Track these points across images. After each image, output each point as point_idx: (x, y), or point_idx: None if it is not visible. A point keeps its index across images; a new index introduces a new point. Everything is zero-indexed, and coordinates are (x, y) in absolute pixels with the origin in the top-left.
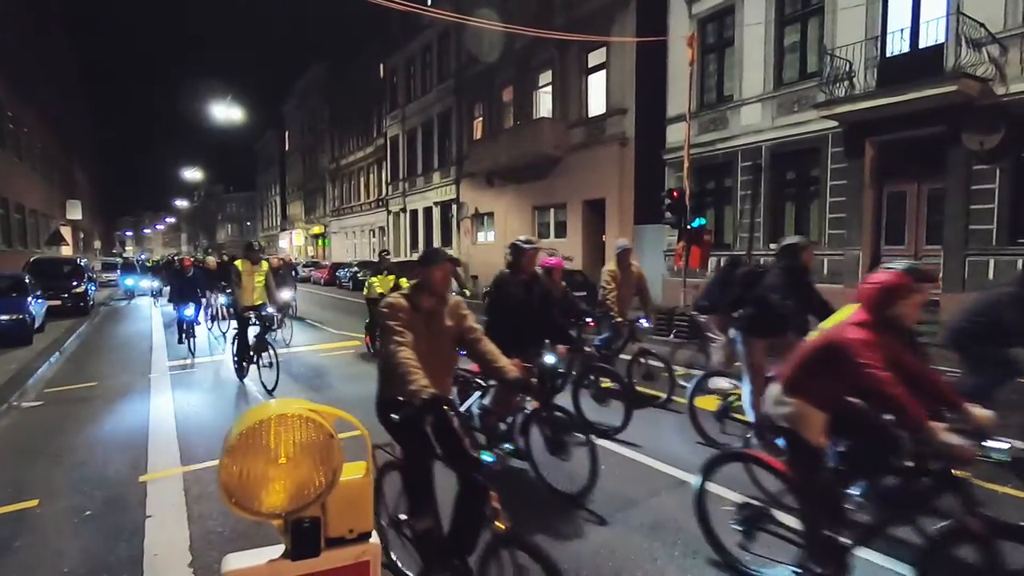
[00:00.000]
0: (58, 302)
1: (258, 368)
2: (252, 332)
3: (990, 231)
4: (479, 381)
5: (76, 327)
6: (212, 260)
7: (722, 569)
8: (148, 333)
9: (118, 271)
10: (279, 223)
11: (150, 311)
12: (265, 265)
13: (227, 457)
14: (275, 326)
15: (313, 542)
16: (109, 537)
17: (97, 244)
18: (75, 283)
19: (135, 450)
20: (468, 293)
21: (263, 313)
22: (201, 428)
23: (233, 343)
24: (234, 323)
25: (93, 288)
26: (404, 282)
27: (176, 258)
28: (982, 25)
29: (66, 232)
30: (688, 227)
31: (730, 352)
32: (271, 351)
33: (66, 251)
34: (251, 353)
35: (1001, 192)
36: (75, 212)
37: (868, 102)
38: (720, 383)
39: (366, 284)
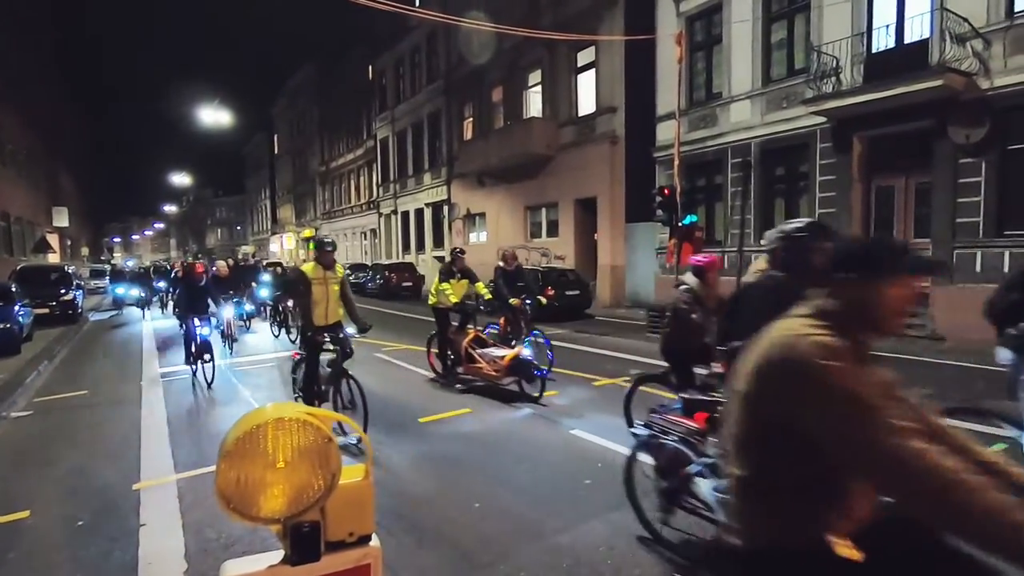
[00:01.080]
0: (46, 310)
1: (335, 408)
2: (325, 359)
3: (977, 223)
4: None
5: (65, 335)
6: (223, 264)
7: None
8: (139, 339)
9: (107, 279)
10: (269, 227)
11: (140, 326)
12: (341, 271)
13: (224, 462)
14: (351, 351)
15: (313, 547)
16: (102, 547)
17: (85, 251)
18: (63, 291)
19: (127, 458)
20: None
21: (341, 336)
22: (194, 434)
23: (295, 374)
24: (289, 346)
25: (81, 296)
26: (481, 287)
27: (183, 262)
28: (965, 20)
29: (53, 239)
30: (679, 224)
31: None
32: (352, 385)
33: (53, 258)
34: (323, 388)
35: (987, 185)
36: (62, 219)
37: (855, 98)
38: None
39: (433, 290)
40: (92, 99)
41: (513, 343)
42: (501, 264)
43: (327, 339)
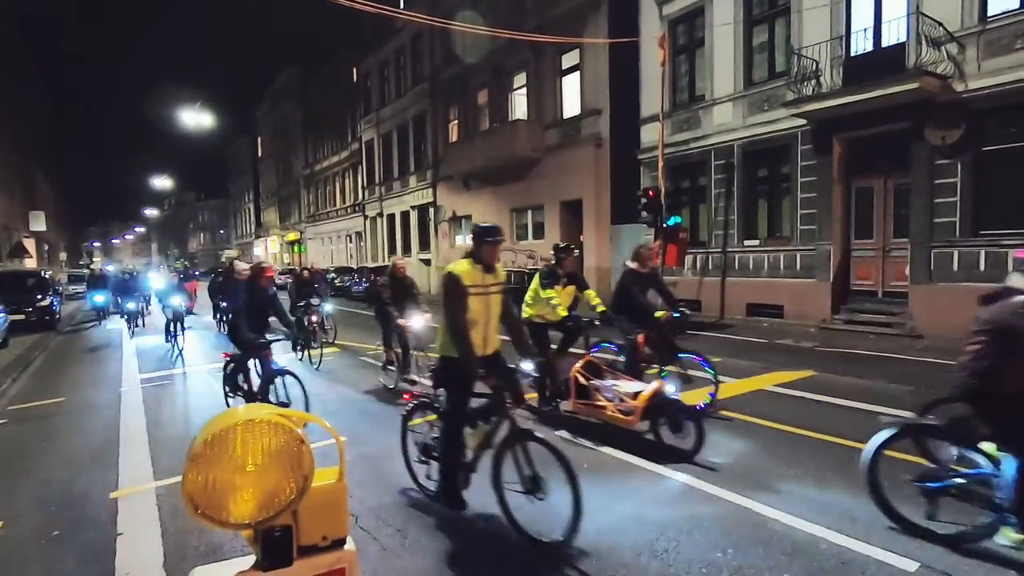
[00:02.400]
0: (21, 316)
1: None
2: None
3: (953, 223)
4: None
5: (42, 342)
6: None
7: None
8: (119, 344)
9: (84, 285)
10: (253, 230)
11: (121, 339)
12: (503, 274)
13: (192, 465)
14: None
15: (284, 551)
16: (78, 557)
17: (63, 256)
18: (39, 296)
19: (105, 466)
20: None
21: (514, 376)
22: (174, 441)
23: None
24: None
25: (58, 302)
26: (593, 295)
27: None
28: (940, 24)
29: (29, 244)
30: (664, 226)
31: None
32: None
33: (29, 264)
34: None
35: (963, 185)
36: (38, 223)
37: (834, 100)
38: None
39: (529, 299)
40: (71, 101)
41: (647, 370)
42: (634, 265)
43: (488, 381)
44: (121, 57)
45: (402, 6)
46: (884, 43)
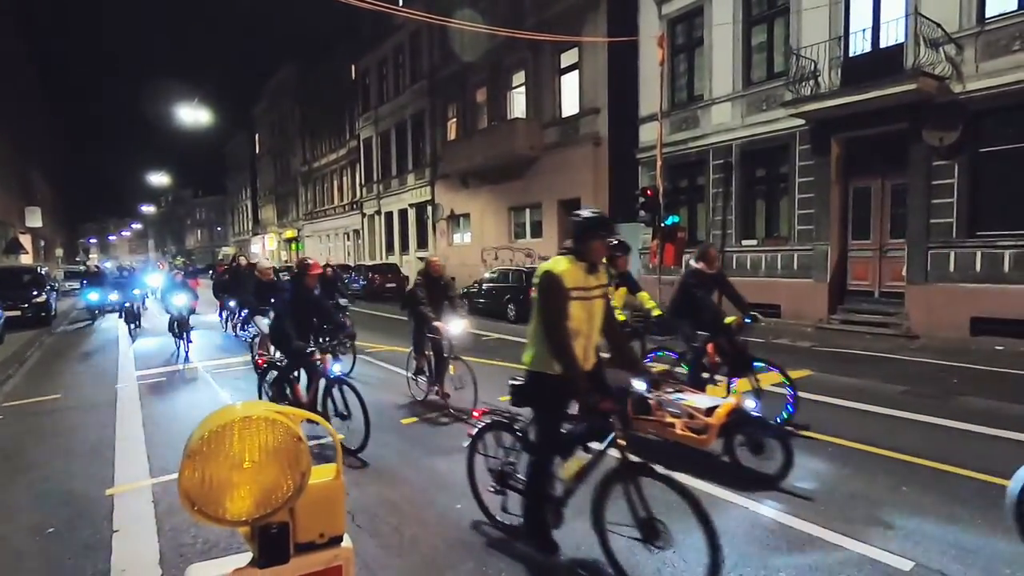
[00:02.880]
0: (17, 312)
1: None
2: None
3: (950, 224)
4: None
5: (37, 339)
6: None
7: None
8: (115, 341)
9: (82, 283)
10: (251, 227)
11: (117, 337)
12: (604, 274)
13: (188, 462)
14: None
15: (281, 548)
16: (74, 554)
17: (59, 252)
18: (35, 293)
19: (101, 463)
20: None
21: (627, 395)
22: (171, 438)
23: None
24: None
25: (55, 298)
26: (647, 298)
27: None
28: (939, 25)
29: (25, 240)
30: (662, 225)
31: None
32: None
33: (25, 260)
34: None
35: (960, 187)
36: (34, 219)
37: (833, 100)
38: None
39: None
40: (68, 98)
41: (718, 381)
42: (699, 265)
43: (604, 405)
44: (118, 53)
45: (401, 3)
46: (882, 44)
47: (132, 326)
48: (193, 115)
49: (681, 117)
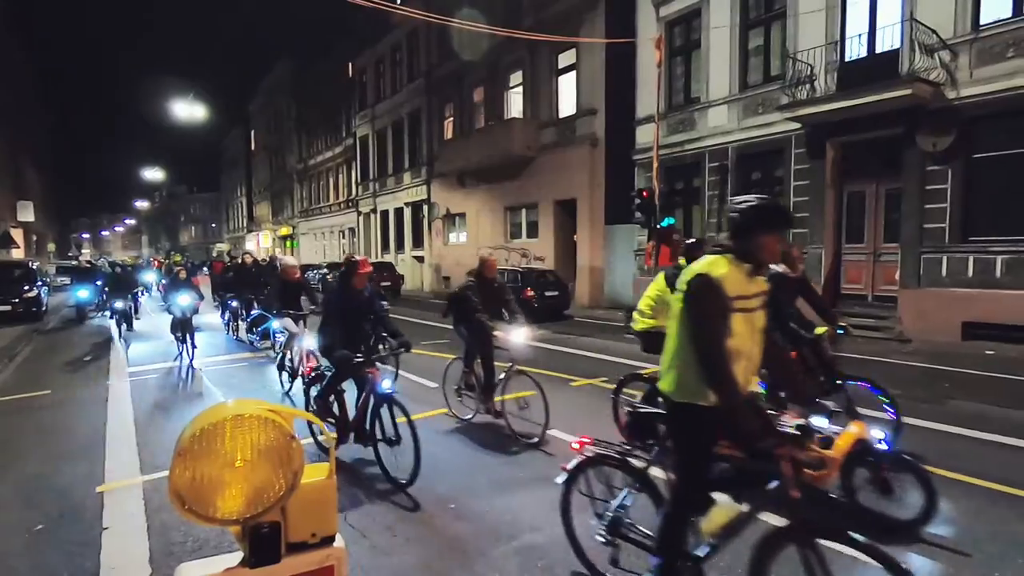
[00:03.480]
0: (7, 307)
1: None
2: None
3: (943, 229)
4: None
5: (28, 333)
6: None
7: None
8: (108, 336)
9: (71, 280)
10: (245, 224)
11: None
12: (763, 281)
13: (179, 460)
14: None
15: (272, 548)
16: (63, 552)
17: (51, 247)
18: (26, 288)
19: (91, 460)
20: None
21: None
22: (163, 436)
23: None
24: None
25: (46, 293)
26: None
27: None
28: (934, 31)
29: (17, 235)
30: (658, 227)
31: None
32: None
33: (17, 254)
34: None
35: (953, 192)
36: (26, 214)
37: (828, 105)
38: None
39: (645, 306)
40: (62, 92)
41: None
42: (781, 268)
43: (783, 449)
44: (113, 47)
45: (399, 2)
46: (878, 49)
47: (123, 328)
48: (188, 110)
49: (678, 119)
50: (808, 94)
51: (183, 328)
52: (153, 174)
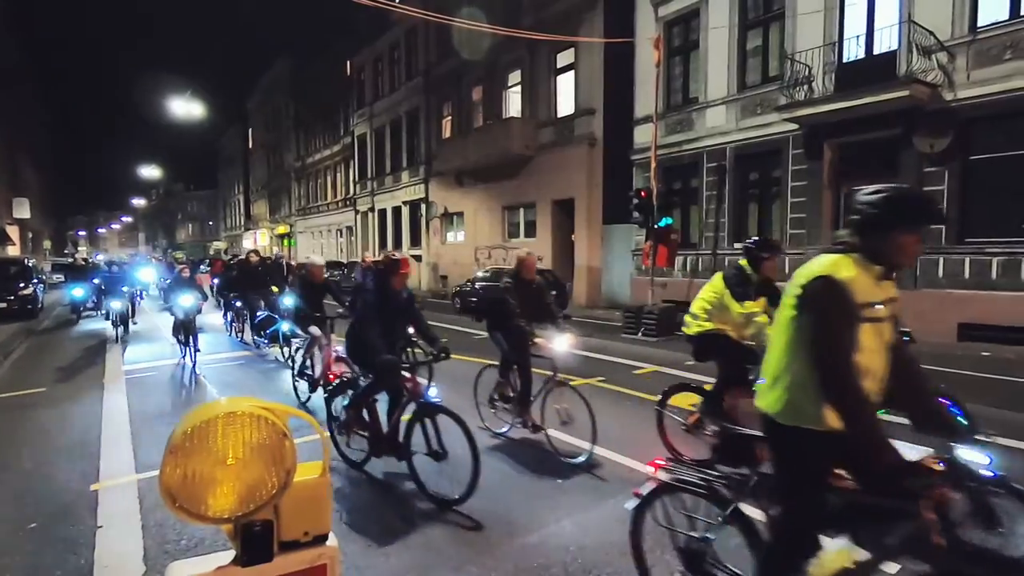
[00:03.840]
0: (3, 305)
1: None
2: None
3: (940, 231)
4: None
5: (23, 331)
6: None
7: None
8: (104, 334)
9: (65, 277)
10: (243, 223)
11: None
12: (893, 288)
13: (170, 457)
14: None
15: (265, 546)
16: (56, 550)
17: (47, 244)
18: (22, 285)
19: (86, 458)
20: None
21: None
22: (158, 434)
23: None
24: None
25: (42, 290)
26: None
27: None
28: (931, 33)
29: (12, 231)
30: (655, 226)
31: None
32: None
33: (13, 251)
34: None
35: (949, 193)
36: (22, 211)
37: (826, 105)
38: None
39: (699, 310)
40: (59, 89)
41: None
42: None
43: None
44: (110, 43)
45: (399, 1)
46: (876, 50)
47: (120, 330)
48: (186, 108)
49: (676, 119)
50: (806, 95)
51: (185, 330)
52: (150, 172)
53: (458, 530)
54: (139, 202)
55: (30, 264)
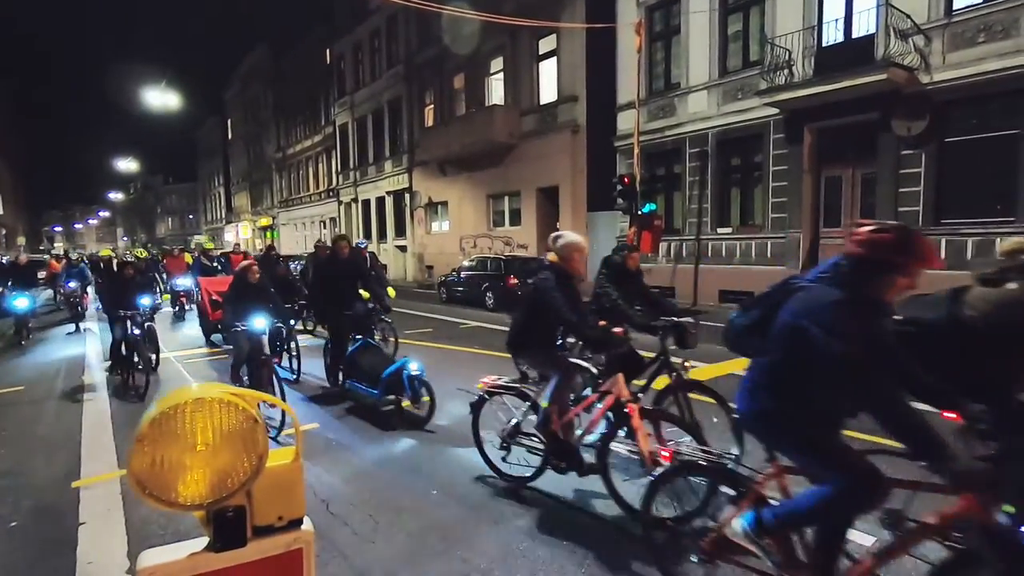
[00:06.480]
0: None
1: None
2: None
3: (917, 212)
4: None
5: None
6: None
7: None
8: (82, 332)
9: (5, 284)
10: (224, 215)
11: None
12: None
13: (138, 445)
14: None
15: (238, 532)
16: (38, 548)
17: (21, 240)
18: None
19: (67, 455)
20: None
21: None
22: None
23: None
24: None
25: None
26: None
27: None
28: (908, 16)
29: None
30: (639, 213)
31: None
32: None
33: None
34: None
35: (926, 175)
36: None
37: (805, 90)
38: None
39: None
40: (31, 80)
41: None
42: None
43: None
44: (83, 32)
45: None
46: (854, 34)
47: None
48: (161, 99)
49: (658, 105)
50: (786, 79)
51: (265, 366)
52: (127, 164)
53: (444, 518)
54: (116, 196)
55: (3, 261)
